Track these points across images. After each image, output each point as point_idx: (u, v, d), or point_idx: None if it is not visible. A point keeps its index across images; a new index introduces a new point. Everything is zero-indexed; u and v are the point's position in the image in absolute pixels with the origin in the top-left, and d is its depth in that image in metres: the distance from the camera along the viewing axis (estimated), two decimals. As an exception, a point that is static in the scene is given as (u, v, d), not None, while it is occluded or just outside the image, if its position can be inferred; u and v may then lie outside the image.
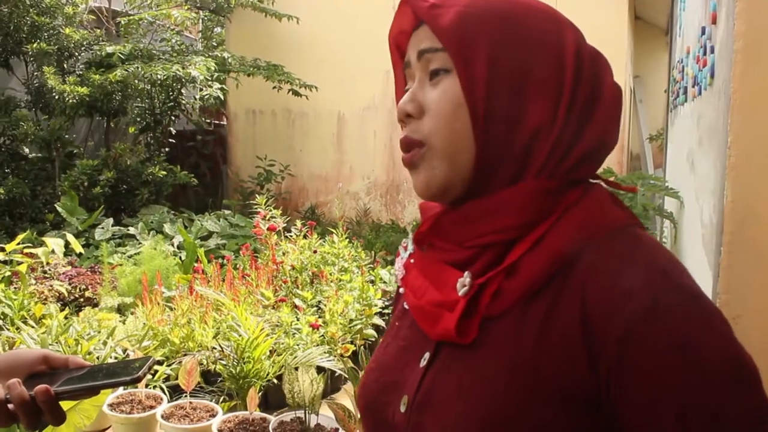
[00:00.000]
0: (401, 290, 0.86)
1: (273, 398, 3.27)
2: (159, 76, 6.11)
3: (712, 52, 1.83)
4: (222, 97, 6.81)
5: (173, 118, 7.49)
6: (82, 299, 4.24)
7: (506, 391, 0.68)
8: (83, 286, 4.34)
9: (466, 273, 0.72)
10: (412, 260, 0.84)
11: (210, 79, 6.31)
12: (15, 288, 3.99)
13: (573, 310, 0.66)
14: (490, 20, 0.72)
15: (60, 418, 0.84)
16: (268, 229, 4.38)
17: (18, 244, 4.32)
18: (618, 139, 0.76)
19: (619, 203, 0.75)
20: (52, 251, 4.64)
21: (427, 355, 0.76)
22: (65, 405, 0.87)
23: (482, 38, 0.71)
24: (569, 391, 0.66)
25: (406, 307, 0.83)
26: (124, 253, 5.22)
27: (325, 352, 3.28)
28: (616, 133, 0.76)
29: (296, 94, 6.87)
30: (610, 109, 0.74)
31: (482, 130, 0.71)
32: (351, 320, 3.78)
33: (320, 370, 3.02)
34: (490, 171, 0.73)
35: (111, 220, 5.96)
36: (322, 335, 3.50)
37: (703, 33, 2.03)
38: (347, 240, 4.67)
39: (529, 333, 0.68)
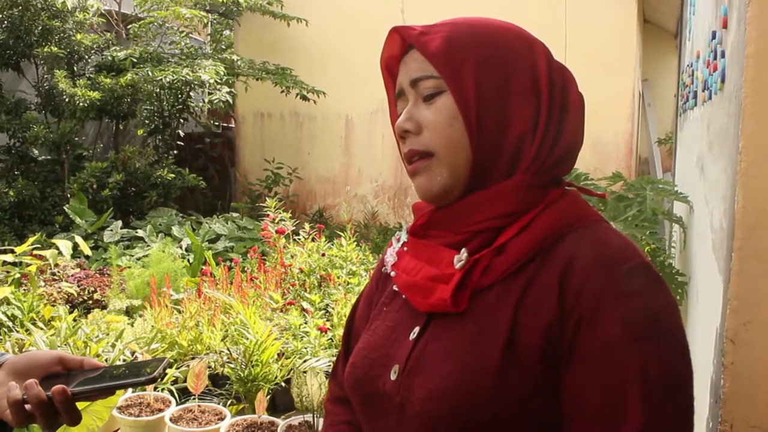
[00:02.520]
0: (392, 273, 0.93)
1: (281, 401, 3.28)
2: (168, 80, 6.14)
3: (723, 56, 1.82)
4: (231, 101, 6.83)
5: (182, 120, 7.52)
6: (90, 301, 4.26)
7: (488, 350, 0.77)
8: (92, 289, 4.36)
9: (463, 250, 0.82)
10: (405, 248, 0.92)
11: (219, 82, 6.33)
12: (24, 290, 4.01)
13: (553, 277, 0.78)
14: (472, 42, 0.83)
15: (76, 418, 0.85)
16: (276, 232, 4.39)
17: (28, 246, 4.34)
18: (583, 141, 0.88)
19: (590, 206, 0.88)
20: (60, 253, 4.66)
21: (416, 329, 0.85)
22: (78, 406, 0.88)
23: (468, 59, 0.82)
24: (544, 347, 0.76)
25: (396, 289, 0.90)
26: (133, 256, 5.24)
27: (333, 356, 3.28)
28: (582, 136, 0.88)
29: (304, 98, 6.89)
30: (577, 115, 0.86)
31: (476, 137, 0.82)
32: (359, 323, 3.78)
33: (329, 373, 3.02)
34: (485, 172, 0.83)
35: (119, 223, 5.98)
36: (331, 338, 3.50)
37: (714, 37, 2.02)
38: (355, 243, 4.68)
39: (511, 299, 0.79)
